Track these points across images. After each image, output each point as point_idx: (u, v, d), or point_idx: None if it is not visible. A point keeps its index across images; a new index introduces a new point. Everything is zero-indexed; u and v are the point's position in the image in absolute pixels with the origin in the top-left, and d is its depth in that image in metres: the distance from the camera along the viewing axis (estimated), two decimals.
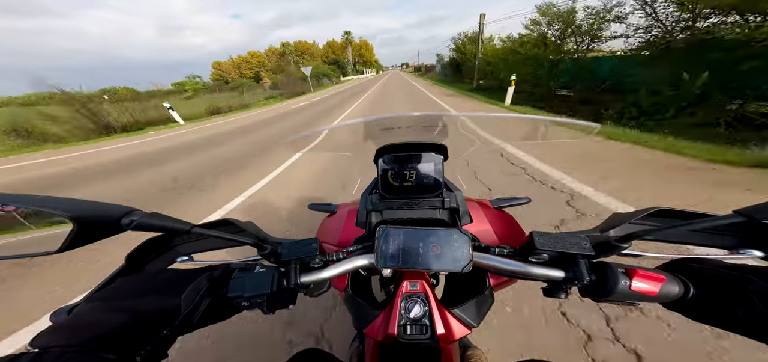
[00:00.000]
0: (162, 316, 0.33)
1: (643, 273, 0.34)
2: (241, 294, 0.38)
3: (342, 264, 0.46)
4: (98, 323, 0.30)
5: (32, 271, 2.33)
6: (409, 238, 0.44)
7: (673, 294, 0.34)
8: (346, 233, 0.68)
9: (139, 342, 0.31)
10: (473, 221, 0.64)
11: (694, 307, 0.34)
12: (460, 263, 0.41)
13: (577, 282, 0.38)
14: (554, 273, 0.40)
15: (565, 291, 0.41)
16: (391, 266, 0.43)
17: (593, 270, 0.38)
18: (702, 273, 0.34)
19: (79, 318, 0.31)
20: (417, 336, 0.45)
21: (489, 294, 0.52)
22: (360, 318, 0.50)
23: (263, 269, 0.41)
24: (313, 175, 4.00)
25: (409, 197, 0.65)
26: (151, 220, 0.31)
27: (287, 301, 0.44)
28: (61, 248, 0.29)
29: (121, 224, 0.30)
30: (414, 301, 0.47)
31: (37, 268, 2.36)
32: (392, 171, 0.64)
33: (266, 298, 0.39)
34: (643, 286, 0.33)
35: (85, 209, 0.29)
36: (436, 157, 0.63)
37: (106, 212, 0.30)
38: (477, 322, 0.48)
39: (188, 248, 0.53)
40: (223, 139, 8.25)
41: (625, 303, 0.37)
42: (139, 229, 0.30)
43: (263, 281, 0.39)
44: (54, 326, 0.30)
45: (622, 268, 0.35)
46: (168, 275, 0.40)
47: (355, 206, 0.75)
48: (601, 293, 0.36)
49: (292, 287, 0.42)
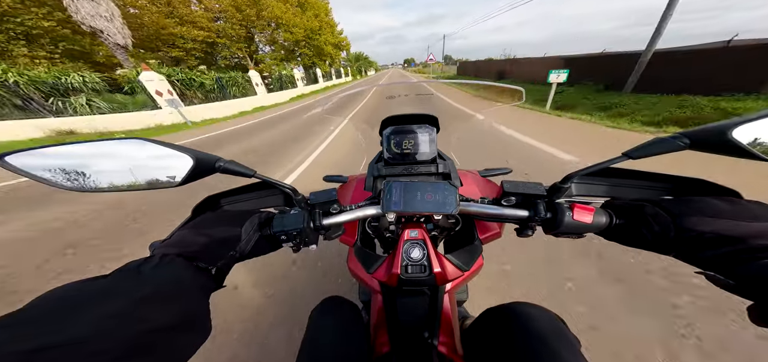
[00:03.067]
0: (229, 241, 0.45)
1: (579, 206, 0.46)
2: (282, 228, 0.50)
3: (354, 212, 0.57)
4: (189, 242, 0.42)
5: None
6: (408, 188, 0.54)
7: (603, 223, 0.45)
8: (356, 196, 0.81)
9: (215, 257, 0.43)
10: (463, 185, 0.76)
11: (618, 234, 0.46)
12: (449, 207, 0.51)
13: (537, 218, 0.50)
14: (521, 212, 0.52)
15: (531, 229, 0.53)
16: (395, 210, 0.53)
17: (549, 209, 0.50)
18: (620, 207, 0.46)
19: (175, 241, 0.43)
20: (417, 275, 0.54)
21: (478, 245, 0.64)
22: (369, 264, 0.60)
23: (296, 211, 0.53)
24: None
25: (408, 163, 0.76)
26: (230, 166, 0.44)
27: (311, 241, 0.55)
28: (182, 181, 0.42)
29: (216, 167, 0.43)
30: (414, 245, 0.56)
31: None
32: (394, 141, 0.76)
33: (298, 233, 0.51)
34: (581, 216, 0.45)
35: (196, 155, 0.42)
36: (430, 128, 0.75)
37: (207, 158, 0.43)
38: (468, 266, 0.58)
39: (230, 202, 0.65)
40: None
41: (573, 235, 0.49)
42: (223, 172, 0.43)
43: (297, 219, 0.51)
44: (162, 242, 0.43)
45: (567, 205, 0.47)
46: (230, 213, 0.52)
47: (363, 176, 0.88)
48: (555, 226, 0.48)
49: (317, 225, 0.54)
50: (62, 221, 3.20)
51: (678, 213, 0.38)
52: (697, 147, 0.36)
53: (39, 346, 0.21)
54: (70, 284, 0.28)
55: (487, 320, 0.63)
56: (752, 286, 0.30)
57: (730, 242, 0.32)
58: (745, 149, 0.33)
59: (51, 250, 2.60)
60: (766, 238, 0.31)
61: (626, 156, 0.41)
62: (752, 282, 0.30)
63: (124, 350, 0.24)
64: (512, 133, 5.50)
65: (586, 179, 0.53)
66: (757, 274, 0.29)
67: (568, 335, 0.52)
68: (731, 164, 2.80)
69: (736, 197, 0.39)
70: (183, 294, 0.34)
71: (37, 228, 3.10)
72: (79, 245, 2.66)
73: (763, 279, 0.29)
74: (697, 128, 0.37)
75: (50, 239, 2.82)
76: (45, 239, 2.83)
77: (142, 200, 3.50)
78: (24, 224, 3.25)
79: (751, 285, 0.30)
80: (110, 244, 2.67)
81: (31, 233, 3.00)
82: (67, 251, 2.58)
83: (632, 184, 0.52)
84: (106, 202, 3.53)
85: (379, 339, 0.67)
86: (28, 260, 2.47)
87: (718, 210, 0.35)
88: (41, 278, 2.27)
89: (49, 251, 2.59)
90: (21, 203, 3.93)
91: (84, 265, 2.37)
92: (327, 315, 0.65)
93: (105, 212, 3.35)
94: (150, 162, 0.40)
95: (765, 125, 0.32)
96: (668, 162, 3.12)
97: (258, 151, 5.99)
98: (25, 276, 2.27)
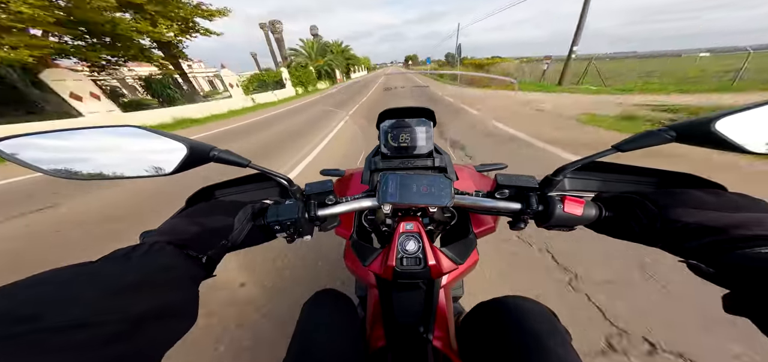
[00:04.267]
0: (221, 230, 0.45)
1: (569, 198, 0.46)
2: (276, 218, 0.50)
3: (350, 203, 0.57)
4: (180, 231, 0.42)
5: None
6: (404, 180, 0.54)
7: (593, 216, 0.46)
8: (353, 189, 0.81)
9: (206, 246, 0.43)
10: (459, 179, 0.76)
11: (607, 226, 0.47)
12: (444, 199, 0.52)
13: (529, 211, 0.50)
14: (513, 205, 0.52)
15: (524, 221, 0.54)
16: (391, 202, 0.53)
17: (541, 202, 0.50)
18: (609, 199, 0.47)
19: (166, 229, 0.43)
20: (412, 267, 0.54)
21: (472, 238, 0.64)
22: (365, 257, 0.61)
23: (291, 201, 0.53)
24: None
25: (405, 157, 0.77)
26: (224, 155, 0.44)
27: (306, 232, 0.55)
28: (175, 170, 0.41)
29: (210, 156, 0.43)
30: (409, 238, 0.57)
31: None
32: (392, 135, 0.77)
33: (293, 223, 0.51)
34: (571, 208, 0.46)
35: (190, 143, 0.41)
36: (427, 122, 0.76)
37: (201, 147, 0.43)
38: (463, 259, 0.59)
39: (225, 193, 0.65)
40: None
41: (565, 228, 0.49)
42: (217, 161, 0.43)
43: (291, 209, 0.51)
44: (154, 231, 0.42)
45: (558, 198, 0.48)
46: (224, 203, 0.52)
47: (360, 170, 0.88)
48: (547, 219, 0.49)
49: (312, 216, 0.54)
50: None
51: (664, 205, 0.38)
52: (683, 140, 0.37)
53: (24, 331, 0.21)
54: (57, 268, 0.28)
55: (481, 313, 0.64)
56: (730, 275, 0.31)
57: (713, 232, 0.33)
58: (727, 141, 0.34)
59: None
60: (747, 228, 0.31)
61: (616, 149, 0.42)
62: (730, 271, 0.30)
63: (110, 334, 0.24)
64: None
65: (577, 173, 0.54)
66: (736, 263, 0.30)
67: (559, 328, 0.53)
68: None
69: (721, 189, 0.40)
70: (172, 281, 0.34)
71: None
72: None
73: (740, 267, 0.29)
74: (683, 121, 0.38)
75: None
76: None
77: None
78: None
79: (730, 274, 0.31)
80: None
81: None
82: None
83: (623, 178, 0.53)
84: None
85: (374, 333, 0.67)
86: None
87: (702, 202, 0.36)
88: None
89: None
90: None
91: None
92: (320, 308, 0.66)
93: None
94: (143, 150, 0.40)
95: (747, 117, 0.33)
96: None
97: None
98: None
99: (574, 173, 0.54)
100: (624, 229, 0.44)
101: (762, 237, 0.30)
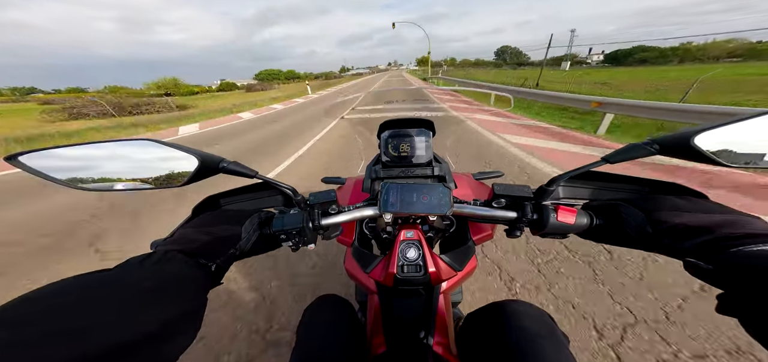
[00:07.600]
0: (230, 239, 0.47)
1: (562, 207, 0.49)
2: (281, 227, 0.51)
3: (352, 212, 0.58)
4: (191, 239, 0.43)
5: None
6: (405, 189, 0.55)
7: (585, 224, 0.49)
8: (354, 197, 0.83)
9: (216, 254, 0.44)
10: (457, 187, 0.79)
11: (600, 234, 0.49)
12: (443, 208, 0.53)
13: (525, 219, 0.53)
14: (510, 214, 0.55)
15: (520, 229, 0.56)
16: (391, 211, 0.54)
17: (535, 211, 0.53)
18: (599, 207, 0.49)
19: (177, 238, 0.44)
20: (413, 274, 0.56)
21: (471, 246, 0.66)
22: (366, 264, 0.62)
23: (296, 210, 0.54)
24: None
25: (405, 166, 0.79)
26: (233, 166, 0.45)
27: (310, 240, 0.56)
28: (188, 181, 0.43)
29: (219, 167, 0.44)
30: (410, 246, 0.58)
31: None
32: (392, 144, 0.79)
33: (297, 232, 0.52)
34: (564, 216, 0.48)
35: (201, 155, 0.43)
36: (426, 132, 0.78)
37: (211, 158, 0.44)
38: (462, 266, 0.60)
39: (230, 202, 0.66)
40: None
41: (558, 236, 0.52)
42: (226, 172, 0.45)
43: (296, 219, 0.52)
44: (165, 240, 0.44)
45: (552, 207, 0.50)
46: (231, 213, 0.54)
47: (360, 178, 0.90)
48: (541, 227, 0.51)
49: (316, 225, 0.55)
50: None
51: (650, 209, 0.41)
52: (665, 152, 0.40)
53: (44, 333, 0.22)
54: (73, 276, 0.29)
55: (480, 318, 0.65)
56: (727, 272, 0.31)
57: (701, 232, 0.35)
58: (705, 154, 0.36)
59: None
60: (732, 227, 0.33)
61: (605, 160, 0.44)
62: (727, 268, 0.31)
63: (126, 341, 0.25)
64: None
65: (570, 182, 0.57)
66: (732, 260, 0.31)
67: (558, 333, 0.54)
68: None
69: (703, 198, 0.42)
70: (183, 289, 0.35)
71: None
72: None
73: (736, 264, 0.30)
74: (665, 135, 0.40)
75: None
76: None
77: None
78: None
79: (726, 271, 0.31)
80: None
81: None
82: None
83: (614, 187, 0.55)
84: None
85: (375, 339, 0.68)
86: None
87: (685, 206, 0.39)
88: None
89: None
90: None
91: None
92: (322, 313, 0.67)
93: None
94: (157, 162, 0.42)
95: (722, 133, 0.36)
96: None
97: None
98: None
99: (567, 183, 0.57)
100: (618, 236, 0.46)
101: (750, 236, 0.31)
